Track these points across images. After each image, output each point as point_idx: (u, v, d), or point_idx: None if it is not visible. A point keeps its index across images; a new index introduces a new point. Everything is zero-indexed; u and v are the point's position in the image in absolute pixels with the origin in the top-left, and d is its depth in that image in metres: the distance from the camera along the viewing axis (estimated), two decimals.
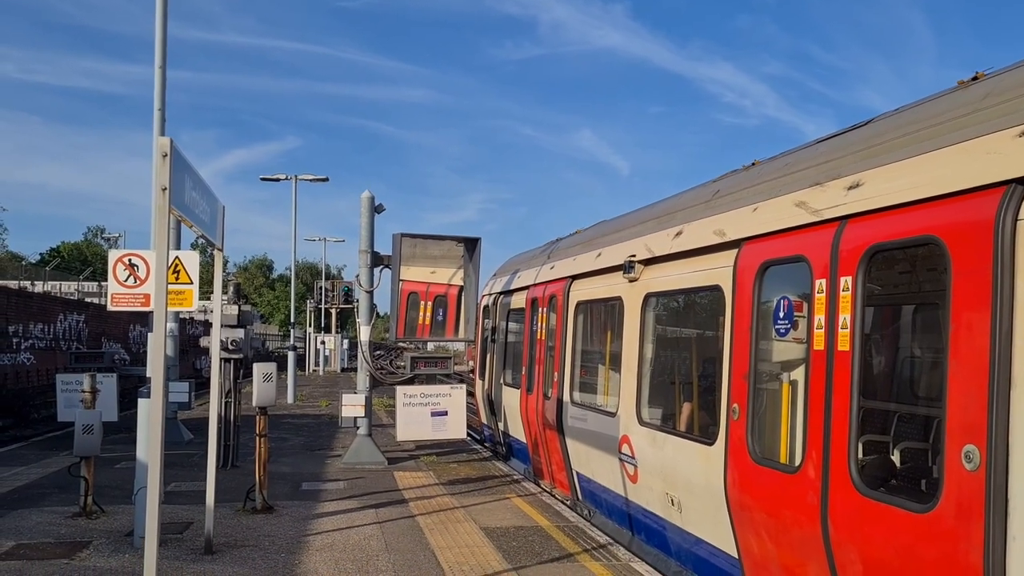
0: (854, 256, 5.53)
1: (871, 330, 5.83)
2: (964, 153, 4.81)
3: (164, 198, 5.36)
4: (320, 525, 9.66)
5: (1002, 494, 4.24)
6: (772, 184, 6.97)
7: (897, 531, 4.98)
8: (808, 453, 5.84)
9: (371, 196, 14.89)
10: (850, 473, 5.39)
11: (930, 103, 5.72)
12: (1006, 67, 5.28)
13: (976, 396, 4.41)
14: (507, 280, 15.98)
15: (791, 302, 6.40)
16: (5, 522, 9.53)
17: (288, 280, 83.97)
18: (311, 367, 51.07)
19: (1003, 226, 4.38)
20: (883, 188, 5.40)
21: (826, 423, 5.63)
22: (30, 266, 53.81)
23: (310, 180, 36.78)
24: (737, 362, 6.85)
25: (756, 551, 6.64)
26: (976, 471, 4.38)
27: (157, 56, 8.72)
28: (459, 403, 14.13)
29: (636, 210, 11.00)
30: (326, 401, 27.15)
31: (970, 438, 4.44)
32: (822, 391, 5.70)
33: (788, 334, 6.45)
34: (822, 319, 5.79)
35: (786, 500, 6.10)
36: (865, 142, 6.01)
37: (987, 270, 4.43)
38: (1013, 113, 4.58)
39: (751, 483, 6.60)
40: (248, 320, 13.74)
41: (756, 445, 6.61)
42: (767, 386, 6.73)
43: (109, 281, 8.62)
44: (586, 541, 9.11)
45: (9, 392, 23.70)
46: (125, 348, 33.74)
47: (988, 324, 4.38)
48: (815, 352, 5.83)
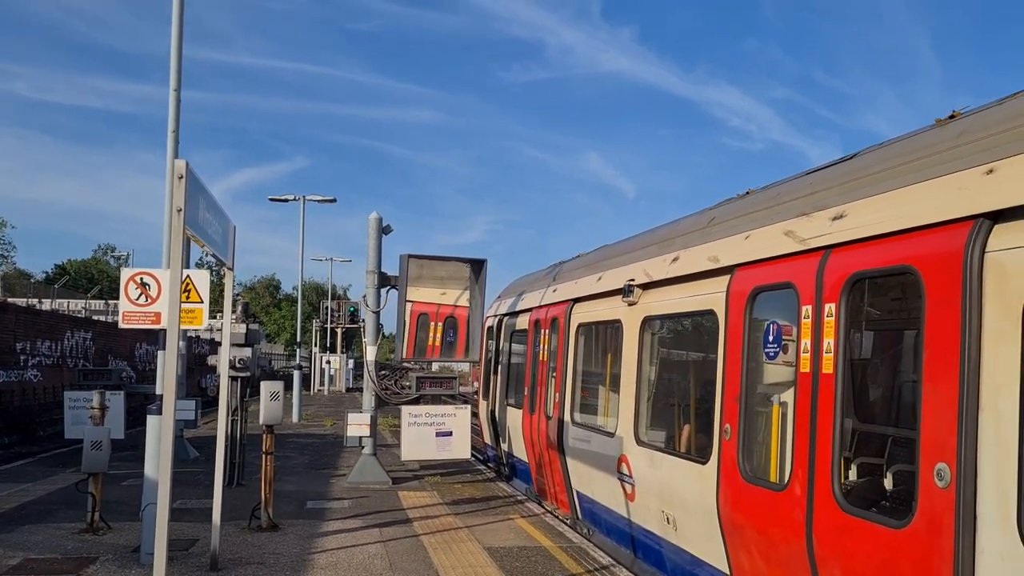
0: (837, 283, 5.83)
1: (853, 354, 6.03)
2: (938, 188, 5.13)
3: (179, 219, 5.49)
4: (325, 543, 9.71)
5: (971, 509, 4.50)
6: (763, 213, 7.28)
7: (876, 546, 5.20)
8: (795, 471, 6.09)
9: (379, 217, 15.04)
10: (833, 491, 5.65)
11: (910, 139, 6.04)
12: (980, 107, 5.60)
13: (947, 417, 4.69)
14: (511, 302, 16.22)
15: (780, 327, 6.69)
16: (13, 537, 9.60)
17: (294, 300, 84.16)
18: (316, 386, 51.14)
19: (971, 258, 4.69)
20: (865, 219, 5.72)
21: (811, 443, 5.89)
22: (38, 283, 54.09)
23: (318, 200, 36.98)
24: (730, 384, 7.14)
25: (747, 567, 6.85)
26: (947, 488, 4.64)
27: (172, 78, 8.89)
28: (464, 423, 14.20)
29: (636, 235, 11.24)
30: (331, 420, 27.20)
31: (941, 457, 4.71)
32: (808, 412, 5.97)
33: (777, 357, 6.70)
34: (808, 343, 6.07)
35: (774, 517, 6.32)
36: (849, 175, 6.36)
37: (957, 299, 4.73)
38: (982, 152, 4.91)
39: (742, 501, 6.83)
40: (255, 339, 13.85)
41: (747, 464, 6.85)
42: (757, 407, 6.99)
43: (121, 299, 8.73)
44: (589, 562, 9.15)
45: (16, 409, 23.81)
46: (131, 366, 33.86)
47: (958, 350, 4.67)
48: (801, 375, 6.11)
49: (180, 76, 8.86)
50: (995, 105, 5.44)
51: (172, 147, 8.62)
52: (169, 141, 8.63)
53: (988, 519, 4.44)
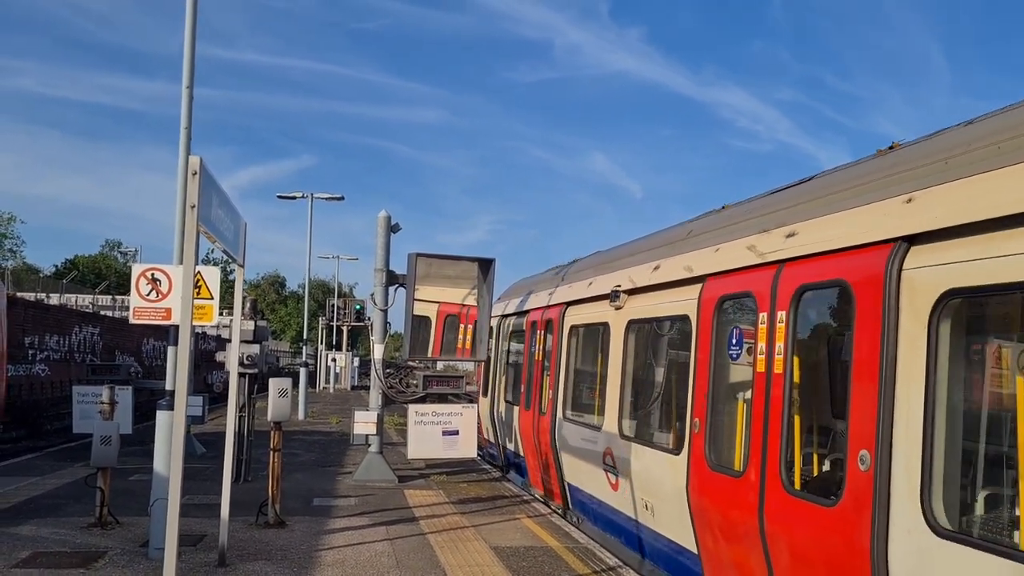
0: (788, 293, 6.61)
1: (800, 356, 6.69)
2: (868, 213, 5.91)
3: (193, 215, 5.51)
4: (332, 540, 9.74)
5: (886, 489, 5.25)
6: (732, 228, 8.05)
7: (813, 523, 6.00)
8: (750, 460, 6.86)
9: (388, 216, 15.07)
10: (781, 476, 6.44)
11: (856, 166, 6.88)
12: (914, 140, 6.40)
13: (869, 410, 5.45)
14: (510, 304, 16.85)
15: (742, 331, 7.48)
16: (22, 530, 9.65)
17: (300, 297, 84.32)
18: (322, 384, 51.23)
19: (891, 275, 5.43)
20: (812, 238, 6.51)
21: (764, 434, 6.68)
22: (46, 278, 54.29)
23: (326, 199, 37.05)
24: (699, 382, 7.93)
25: (711, 546, 7.60)
26: (867, 471, 5.41)
27: (185, 76, 8.92)
28: (470, 422, 14.22)
29: (625, 243, 11.98)
30: (337, 418, 27.25)
31: (863, 444, 5.48)
32: (762, 407, 6.75)
33: (739, 358, 7.48)
34: (763, 346, 6.84)
35: (733, 501, 7.07)
36: (804, 196, 7.20)
37: (879, 310, 5.48)
38: (904, 183, 5.68)
39: (707, 487, 7.61)
40: (263, 336, 13.88)
41: (712, 454, 7.63)
42: (722, 403, 7.75)
43: (132, 295, 8.77)
44: (596, 563, 9.16)
45: (24, 403, 23.86)
46: (138, 361, 33.92)
47: (878, 353, 5.42)
48: (757, 374, 6.89)
49: (193, 74, 8.89)
50: (924, 139, 6.21)
51: (185, 144, 8.64)
52: (182, 138, 8.66)
53: (899, 498, 5.18)
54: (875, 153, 6.71)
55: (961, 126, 5.92)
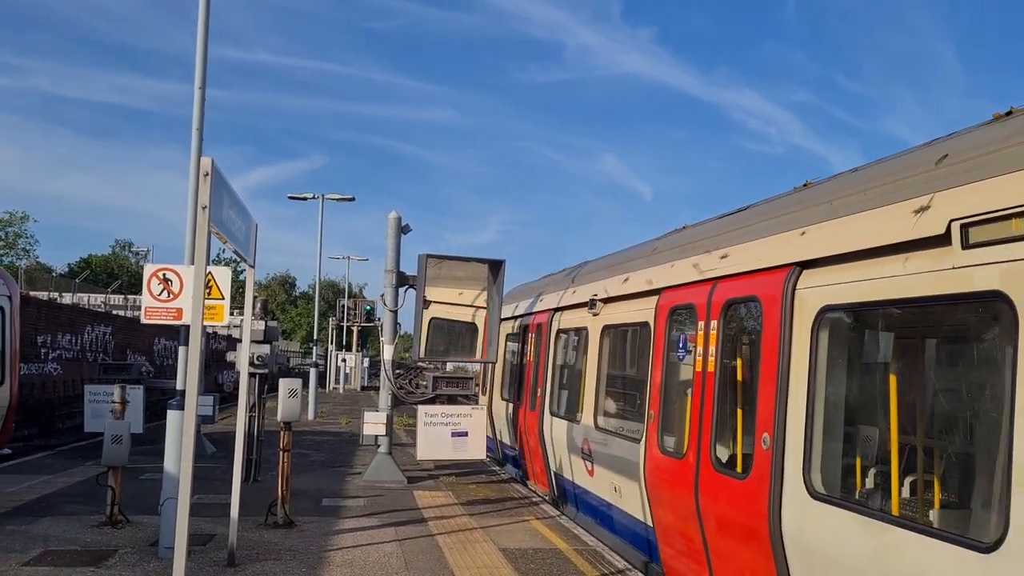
0: (719, 306, 7.83)
1: (726, 358, 7.83)
2: (776, 241, 7.14)
3: (204, 216, 5.53)
4: (341, 541, 9.76)
5: (780, 465, 6.46)
6: (685, 247, 9.28)
7: (731, 494, 7.24)
8: (689, 444, 8.12)
9: (398, 217, 15.09)
10: (711, 457, 7.66)
11: (777, 200, 8.13)
12: (824, 178, 7.61)
13: (770, 402, 6.69)
14: (506, 308, 17.39)
15: (687, 336, 8.68)
16: (33, 529, 9.71)
17: (310, 297, 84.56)
18: (331, 385, 51.33)
19: (787, 293, 6.67)
20: (738, 259, 7.73)
21: (700, 422, 7.90)
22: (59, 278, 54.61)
23: (337, 199, 37.13)
24: (655, 379, 9.20)
25: (661, 519, 8.85)
26: (768, 450, 6.62)
27: (197, 77, 8.95)
28: (479, 424, 14.23)
29: (606, 255, 13.21)
30: (346, 419, 27.31)
31: (766, 429, 6.69)
32: (699, 400, 7.97)
33: (685, 359, 8.70)
34: (701, 349, 8.06)
35: (676, 479, 8.31)
36: (740, 222, 8.35)
37: (778, 321, 6.73)
38: (804, 218, 6.94)
39: (658, 469, 8.85)
40: (274, 336, 13.93)
41: (662, 440, 8.89)
42: (671, 397, 9.01)
43: (143, 294, 8.81)
44: (604, 566, 9.15)
45: (36, 402, 24.00)
46: (150, 360, 34.08)
47: (777, 355, 6.68)
48: (696, 372, 8.13)
49: (205, 75, 8.93)
50: (825, 180, 7.47)
51: (196, 144, 8.67)
52: (193, 139, 8.69)
53: (788, 470, 6.39)
54: (793, 189, 8.03)
55: (850, 172, 7.17)
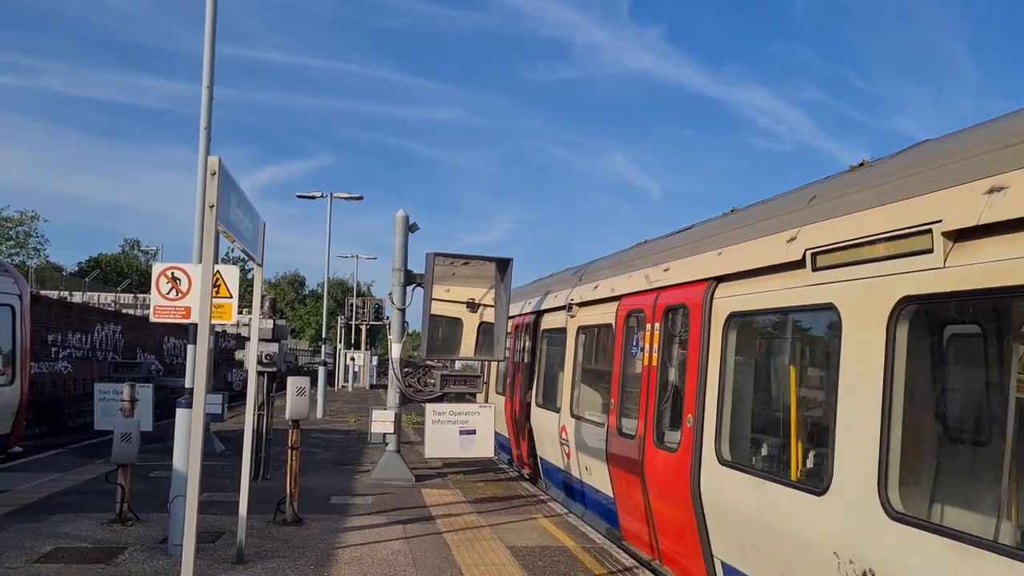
0: (660, 311, 9.54)
1: (664, 355, 9.43)
2: (701, 259, 8.78)
3: (212, 215, 5.55)
4: (349, 539, 9.79)
5: (699, 440, 8.08)
6: (640, 260, 10.94)
7: (665, 465, 8.92)
8: (639, 425, 9.78)
9: (406, 215, 15.11)
10: (653, 436, 9.31)
11: (712, 222, 9.68)
12: (746, 206, 9.07)
13: (693, 390, 8.32)
14: None
15: (639, 336, 10.26)
16: (44, 526, 9.77)
17: (319, 296, 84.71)
18: (340, 383, 51.44)
19: (707, 301, 8.30)
20: (676, 273, 9.37)
21: (646, 406, 9.65)
22: (69, 276, 54.86)
23: (345, 198, 37.12)
24: (616, 372, 10.88)
25: (619, 491, 10.50)
26: (691, 428, 8.28)
27: (205, 76, 8.97)
28: (487, 422, 14.24)
29: (583, 263, 14.72)
30: (355, 417, 27.37)
31: (690, 411, 8.36)
32: (645, 388, 9.72)
33: (638, 355, 10.28)
34: (647, 347, 9.80)
35: (629, 455, 9.96)
36: (679, 241, 10.08)
37: (699, 325, 8.36)
38: (721, 241, 8.45)
39: (616, 448, 10.51)
40: (282, 335, 13.97)
41: (620, 424, 10.53)
42: (628, 387, 10.63)
43: (152, 293, 8.84)
44: (612, 564, 9.15)
45: (47, 400, 24.13)
46: (159, 359, 34.18)
47: (699, 353, 8.29)
48: (644, 367, 9.88)
49: (213, 73, 8.95)
50: (747, 207, 9.00)
51: (204, 144, 8.69)
52: (201, 138, 8.71)
53: (706, 445, 7.99)
54: (722, 213, 9.62)
55: (760, 202, 8.74)
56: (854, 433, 5.82)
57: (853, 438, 5.82)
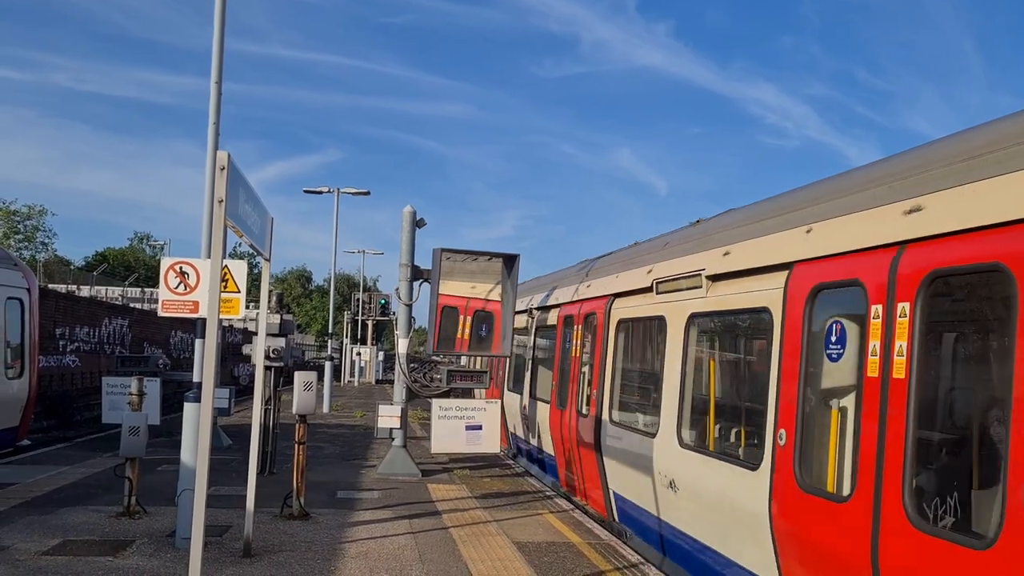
0: (583, 317, 13.02)
1: (584, 347, 12.53)
2: (606, 280, 12.07)
3: (220, 210, 5.57)
4: (355, 533, 9.82)
5: (601, 407, 11.35)
6: (575, 277, 14.40)
7: (581, 426, 11.93)
8: (591, 406, 12.04)
9: (412, 211, 15.11)
10: (576, 407, 12.27)
11: (617, 252, 13.19)
12: (648, 239, 12.12)
13: (597, 372, 11.58)
14: None
15: (569, 334, 13.55)
16: (52, 519, 9.82)
17: (325, 291, 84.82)
18: (346, 378, 51.52)
19: (607, 312, 11.64)
20: (592, 290, 12.80)
21: (600, 389, 11.79)
22: (77, 271, 55.04)
23: (352, 193, 37.20)
24: (556, 360, 14.24)
25: (558, 454, 13.94)
26: (596, 398, 11.64)
27: (213, 71, 9.00)
28: (494, 417, 14.24)
29: (570, 266, 16.87)
30: (361, 412, 27.42)
31: (594, 387, 11.64)
32: (575, 373, 12.79)
33: (569, 348, 13.58)
34: (574, 342, 13.30)
35: (564, 422, 12.89)
36: (598, 265, 13.49)
37: (603, 328, 11.77)
38: (614, 269, 11.91)
39: (556, 417, 13.72)
40: (289, 329, 13.99)
41: (558, 399, 13.77)
42: (564, 372, 13.58)
43: (160, 288, 8.87)
44: (618, 559, 9.16)
45: (55, 393, 24.25)
46: (166, 353, 34.33)
47: (600, 348, 11.57)
48: (573, 356, 13.19)
49: (221, 69, 8.97)
50: (645, 241, 12.11)
51: (213, 139, 8.72)
52: (210, 133, 8.74)
53: (604, 411, 11.49)
54: (627, 245, 13.03)
55: (647, 240, 12.08)
56: (669, 398, 9.35)
57: (668, 401, 9.36)
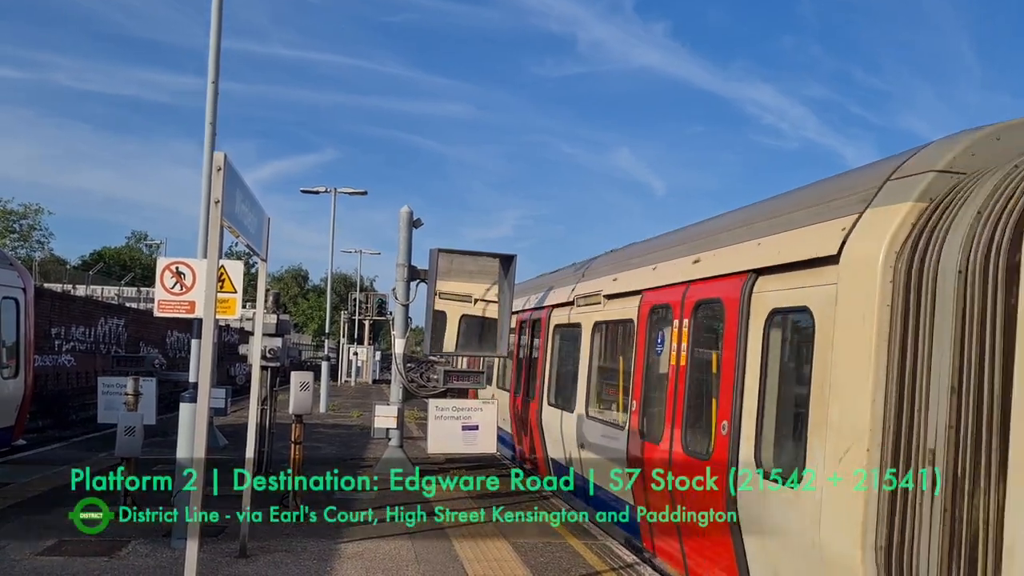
0: (531, 324, 16.17)
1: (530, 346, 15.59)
2: (545, 294, 15.63)
3: (217, 210, 5.56)
4: (351, 533, 9.81)
5: (543, 392, 14.76)
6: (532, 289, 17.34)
7: (527, 409, 15.29)
8: (522, 388, 15.98)
9: (410, 211, 15.11)
10: (548, 397, 14.29)
11: (558, 271, 17.10)
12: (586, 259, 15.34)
13: (542, 364, 14.87)
14: None
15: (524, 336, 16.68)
16: (47, 519, 9.80)
17: (322, 291, 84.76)
18: (343, 378, 51.51)
19: (548, 318, 14.87)
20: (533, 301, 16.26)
21: (543, 378, 14.62)
22: (73, 270, 54.94)
23: (349, 193, 37.18)
24: (515, 354, 16.96)
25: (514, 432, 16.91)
26: (539, 385, 14.96)
27: (210, 71, 8.99)
28: (490, 418, 14.22)
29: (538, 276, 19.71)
30: (358, 412, 27.41)
31: (540, 377, 14.91)
32: (542, 365, 14.84)
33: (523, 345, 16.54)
34: (527, 342, 16.41)
35: (532, 413, 15.05)
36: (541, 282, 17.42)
37: (545, 331, 14.94)
38: (554, 284, 15.74)
39: (512, 403, 17.02)
40: (286, 329, 13.97)
41: (515, 388, 16.82)
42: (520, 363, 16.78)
43: (156, 288, 8.87)
44: (613, 560, 9.17)
45: (50, 393, 24.22)
46: (162, 353, 34.30)
47: (544, 344, 14.86)
48: (525, 354, 16.42)
49: (218, 69, 8.96)
50: (586, 260, 15.11)
51: (209, 139, 8.72)
52: (207, 133, 8.73)
53: (544, 396, 14.62)
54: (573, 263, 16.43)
55: (587, 259, 15.11)
56: (582, 383, 12.40)
57: (582, 386, 12.42)
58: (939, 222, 5.45)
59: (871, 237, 5.86)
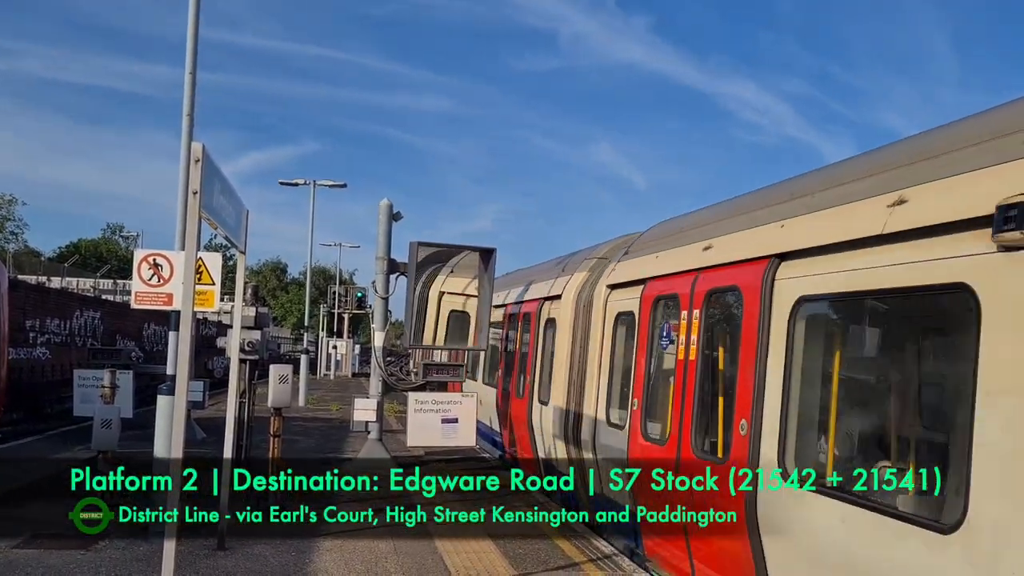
0: (510, 317, 16.43)
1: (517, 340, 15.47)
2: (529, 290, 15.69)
3: (195, 202, 5.54)
4: (330, 526, 9.78)
5: (534, 390, 14.26)
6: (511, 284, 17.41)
7: (519, 407, 14.72)
8: (526, 388, 14.68)
9: (389, 204, 15.07)
10: (538, 393, 13.87)
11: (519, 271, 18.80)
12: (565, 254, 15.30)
13: (530, 359, 14.47)
14: None
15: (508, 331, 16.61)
16: (23, 512, 9.70)
17: (301, 284, 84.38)
18: (322, 371, 51.34)
19: (541, 310, 14.39)
20: (510, 297, 16.59)
21: (534, 373, 14.19)
22: (48, 262, 54.36)
23: (328, 185, 37.05)
24: (501, 350, 17.16)
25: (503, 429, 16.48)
26: (528, 383, 14.59)
27: (188, 62, 8.93)
28: (469, 411, 14.22)
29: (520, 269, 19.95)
30: (337, 405, 27.34)
31: (527, 373, 14.61)
32: (533, 360, 14.40)
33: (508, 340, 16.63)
34: (515, 337, 15.94)
35: (522, 410, 14.76)
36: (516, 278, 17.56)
37: (535, 323, 14.55)
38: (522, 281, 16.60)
39: (502, 402, 16.39)
40: (264, 322, 13.90)
41: (503, 385, 16.46)
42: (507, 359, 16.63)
43: (133, 280, 8.82)
44: (592, 551, 9.23)
45: (24, 386, 23.94)
46: (139, 346, 33.98)
47: (535, 343, 14.39)
48: (513, 349, 15.89)
49: (196, 59, 8.90)
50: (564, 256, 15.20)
51: (187, 130, 8.66)
52: (184, 124, 8.68)
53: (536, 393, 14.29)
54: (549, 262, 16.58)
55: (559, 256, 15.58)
56: (558, 377, 12.61)
57: (558, 379, 12.60)
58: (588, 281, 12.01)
59: None
